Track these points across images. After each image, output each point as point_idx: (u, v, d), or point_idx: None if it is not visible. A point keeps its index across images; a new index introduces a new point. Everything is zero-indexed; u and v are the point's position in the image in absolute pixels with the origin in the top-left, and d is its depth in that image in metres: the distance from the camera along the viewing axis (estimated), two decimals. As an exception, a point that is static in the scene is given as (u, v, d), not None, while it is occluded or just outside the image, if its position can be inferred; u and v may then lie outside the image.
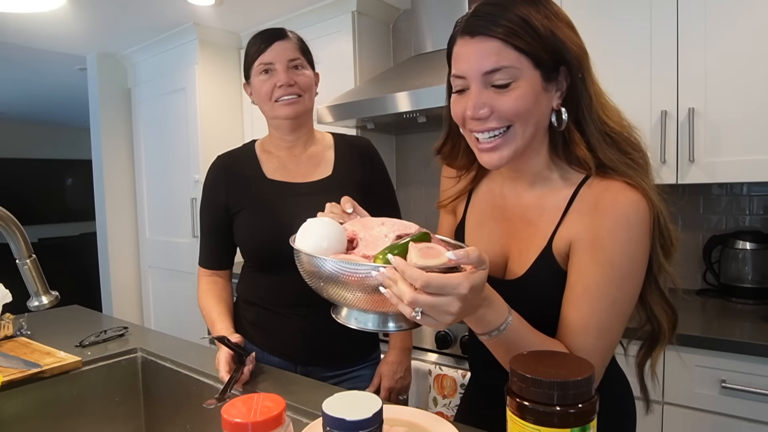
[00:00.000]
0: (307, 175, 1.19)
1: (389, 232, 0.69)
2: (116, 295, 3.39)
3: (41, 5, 2.21)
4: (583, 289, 0.70)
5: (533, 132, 0.71)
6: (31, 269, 0.87)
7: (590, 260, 0.70)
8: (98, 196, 3.39)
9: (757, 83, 1.46)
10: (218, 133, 2.95)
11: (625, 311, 0.71)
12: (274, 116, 1.17)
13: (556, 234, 0.74)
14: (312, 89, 1.20)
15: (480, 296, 0.60)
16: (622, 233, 0.68)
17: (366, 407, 0.55)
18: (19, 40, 2.91)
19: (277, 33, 1.16)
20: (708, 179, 1.56)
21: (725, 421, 1.31)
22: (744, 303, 1.64)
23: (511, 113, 0.68)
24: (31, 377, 1.04)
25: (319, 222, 0.71)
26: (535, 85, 0.68)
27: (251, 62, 1.17)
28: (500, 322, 0.64)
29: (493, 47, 0.67)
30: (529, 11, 0.67)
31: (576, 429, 0.50)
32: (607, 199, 0.70)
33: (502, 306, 0.65)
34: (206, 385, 1.05)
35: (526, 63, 0.67)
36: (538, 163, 0.76)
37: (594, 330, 0.69)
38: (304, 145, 1.22)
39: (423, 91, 1.89)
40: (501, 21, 0.66)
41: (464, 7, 2.07)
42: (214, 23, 2.80)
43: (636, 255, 0.69)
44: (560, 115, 0.71)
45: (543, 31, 0.67)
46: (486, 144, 0.71)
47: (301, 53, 1.17)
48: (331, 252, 0.67)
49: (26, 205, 5.75)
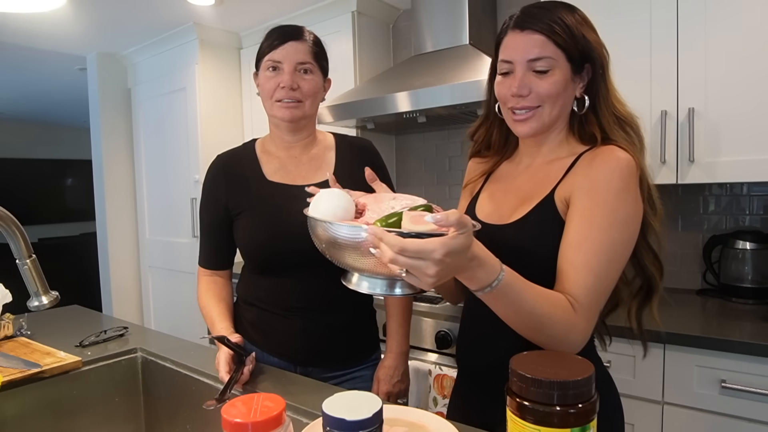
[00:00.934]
0: (307, 177, 1.18)
1: (396, 205, 0.76)
2: (116, 295, 3.39)
3: (41, 5, 2.21)
4: (588, 229, 0.77)
5: (558, 113, 0.86)
6: (31, 269, 0.87)
7: (590, 203, 0.78)
8: (98, 196, 3.39)
9: (757, 83, 1.46)
10: (218, 133, 2.95)
11: (622, 256, 0.79)
12: (272, 115, 1.17)
13: (559, 185, 0.84)
14: (316, 96, 1.17)
15: (464, 257, 0.64)
16: (617, 180, 0.78)
17: (366, 407, 0.55)
18: (19, 40, 2.91)
19: (292, 32, 1.14)
20: (708, 179, 1.56)
21: (725, 421, 1.31)
22: (744, 303, 1.64)
23: (545, 94, 0.83)
24: (31, 377, 1.04)
25: (327, 192, 0.79)
26: (566, 75, 0.83)
27: (262, 55, 1.15)
28: (492, 279, 0.68)
29: (538, 40, 0.82)
30: (567, 15, 0.83)
31: (576, 429, 0.50)
32: (603, 153, 0.82)
33: (494, 264, 0.68)
34: (206, 385, 1.05)
35: (562, 56, 0.82)
36: (556, 138, 0.90)
37: (595, 269, 0.76)
38: (304, 147, 1.22)
39: (423, 91, 1.89)
40: (546, 20, 0.82)
41: (464, 7, 2.07)
42: (214, 23, 2.80)
43: (630, 202, 0.78)
44: (582, 102, 0.86)
45: (576, 33, 0.82)
46: (520, 116, 0.86)
47: (312, 57, 1.15)
48: (337, 219, 0.73)
49: (26, 205, 5.75)
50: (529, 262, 0.79)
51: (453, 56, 2.03)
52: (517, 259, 0.75)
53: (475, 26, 2.11)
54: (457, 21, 2.09)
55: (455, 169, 2.51)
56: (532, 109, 0.85)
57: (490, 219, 0.92)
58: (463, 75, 1.86)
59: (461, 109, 1.94)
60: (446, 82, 1.86)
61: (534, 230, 0.84)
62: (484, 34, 2.18)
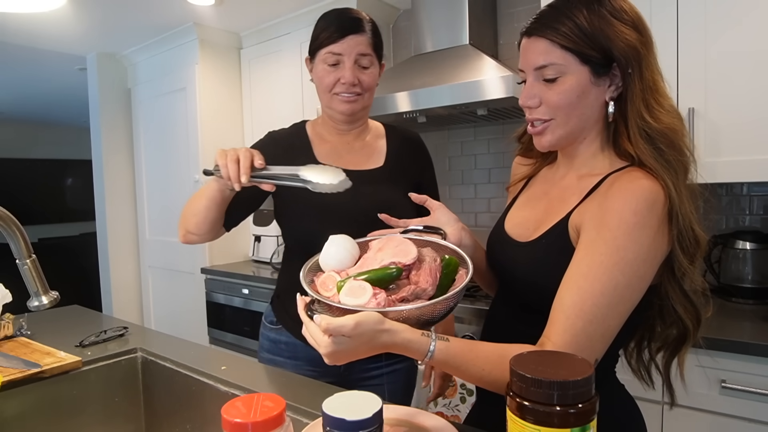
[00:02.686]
0: (359, 163, 1.17)
1: (385, 258, 0.74)
2: (116, 295, 3.39)
3: (41, 5, 2.21)
4: (587, 267, 0.69)
5: (578, 123, 0.77)
6: (31, 269, 0.87)
7: (596, 237, 0.70)
8: (98, 196, 3.39)
9: (757, 83, 1.46)
10: (218, 133, 2.95)
11: (627, 301, 0.69)
12: (330, 107, 1.15)
13: (575, 210, 0.76)
14: (374, 87, 1.17)
15: (362, 351, 0.65)
16: (630, 215, 0.68)
17: (366, 407, 0.54)
18: (19, 40, 2.91)
19: (353, 25, 1.10)
20: (708, 179, 1.56)
21: (725, 421, 1.31)
22: (744, 303, 1.64)
23: (554, 106, 0.76)
24: (31, 377, 1.04)
25: (333, 239, 0.79)
26: (582, 80, 0.74)
27: (319, 46, 1.12)
28: (421, 357, 0.66)
29: (540, 46, 0.75)
30: (581, 12, 0.73)
31: (576, 429, 0.50)
32: (623, 180, 0.72)
33: (419, 346, 0.66)
34: (206, 385, 1.04)
35: (572, 60, 0.73)
36: (588, 150, 0.81)
37: (589, 313, 0.67)
38: (358, 134, 1.21)
39: (423, 91, 1.89)
40: (550, 23, 0.74)
41: (464, 7, 2.07)
42: (214, 23, 2.80)
43: (643, 241, 0.68)
44: (607, 108, 0.76)
45: (590, 30, 0.72)
46: (534, 128, 0.80)
47: (372, 48, 1.13)
48: (341, 266, 0.76)
49: (26, 205, 5.74)
50: (535, 283, 0.75)
51: (453, 56, 2.03)
52: (526, 282, 0.73)
53: (475, 26, 2.11)
54: (457, 21, 2.09)
55: (455, 169, 2.51)
56: (545, 121, 0.78)
57: (514, 232, 0.86)
58: (463, 75, 1.86)
59: (461, 109, 1.94)
60: (446, 82, 1.86)
61: (543, 254, 0.77)
62: (484, 34, 2.18)
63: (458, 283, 0.73)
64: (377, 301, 0.67)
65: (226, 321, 2.71)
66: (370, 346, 0.64)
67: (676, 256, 0.71)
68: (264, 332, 1.27)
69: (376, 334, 0.64)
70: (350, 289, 0.68)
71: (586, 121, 0.77)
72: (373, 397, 0.57)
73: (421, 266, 0.73)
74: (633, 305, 0.70)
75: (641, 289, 0.70)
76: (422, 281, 0.71)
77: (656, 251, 0.69)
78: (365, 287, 0.68)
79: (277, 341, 1.22)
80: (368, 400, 0.56)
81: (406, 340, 0.65)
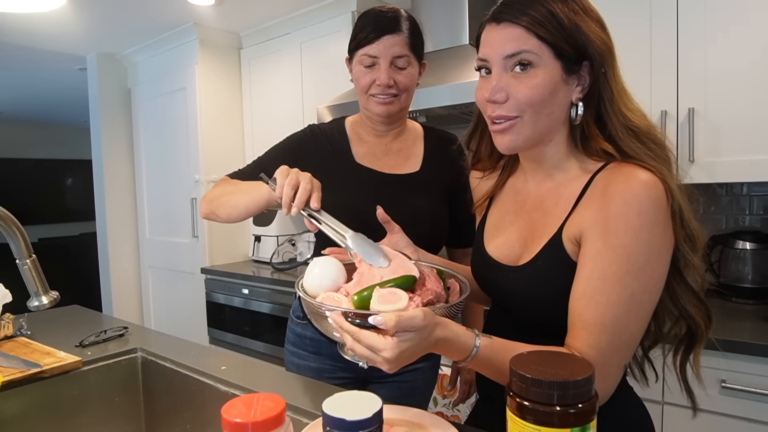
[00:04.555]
0: (395, 166, 1.17)
1: (385, 273, 0.74)
2: (116, 295, 3.40)
3: (41, 5, 2.21)
4: (600, 280, 0.66)
5: (546, 123, 0.72)
6: (31, 269, 0.87)
7: (603, 247, 0.66)
8: (98, 196, 3.39)
9: (757, 83, 1.46)
10: (218, 133, 2.95)
11: (646, 304, 0.67)
12: (367, 109, 1.15)
13: (568, 221, 0.72)
14: (412, 88, 1.14)
15: (421, 347, 0.62)
16: (634, 217, 0.65)
17: (366, 407, 0.55)
18: (19, 40, 2.91)
19: (388, 25, 1.08)
20: (708, 179, 1.56)
21: (725, 421, 1.31)
22: (744, 303, 1.64)
23: (524, 102, 0.69)
24: (31, 377, 1.04)
25: (318, 261, 0.79)
26: (554, 75, 0.69)
27: (356, 47, 1.12)
28: (465, 355, 0.65)
29: (515, 33, 0.69)
30: (557, 4, 0.69)
31: (576, 429, 0.50)
32: (620, 177, 0.68)
33: (465, 341, 0.65)
34: (206, 385, 1.04)
35: (547, 52, 0.68)
36: (557, 154, 0.76)
37: (611, 326, 0.65)
38: (395, 135, 1.20)
39: (422, 91, 1.89)
40: (527, 10, 0.68)
41: (464, 7, 2.07)
42: (214, 23, 2.80)
43: (652, 241, 0.65)
44: (577, 109, 0.72)
45: (567, 23, 0.68)
46: (497, 126, 0.73)
47: (409, 49, 1.10)
48: (323, 289, 0.74)
49: (26, 205, 5.74)
50: (539, 305, 0.74)
51: (453, 56, 2.03)
52: (527, 304, 0.72)
53: (475, 26, 2.08)
54: (457, 21, 2.09)
55: (455, 169, 2.51)
56: (511, 119, 0.71)
57: (499, 255, 0.82)
58: (463, 75, 1.86)
59: (461, 109, 1.94)
60: (446, 82, 1.86)
61: (542, 274, 0.74)
62: (484, 34, 2.18)
63: (455, 288, 0.80)
64: (415, 304, 0.67)
65: (226, 321, 2.71)
66: (428, 342, 0.63)
67: (681, 247, 0.69)
68: (291, 326, 1.29)
69: (435, 327, 0.63)
70: (381, 296, 0.67)
71: (554, 121, 0.72)
72: (373, 397, 0.57)
73: (425, 276, 0.77)
74: (653, 305, 0.69)
75: (658, 288, 0.68)
76: (435, 287, 0.75)
77: (666, 246, 0.67)
78: (397, 293, 0.68)
79: (303, 336, 1.23)
80: (368, 400, 0.56)
81: (455, 333, 0.65)
